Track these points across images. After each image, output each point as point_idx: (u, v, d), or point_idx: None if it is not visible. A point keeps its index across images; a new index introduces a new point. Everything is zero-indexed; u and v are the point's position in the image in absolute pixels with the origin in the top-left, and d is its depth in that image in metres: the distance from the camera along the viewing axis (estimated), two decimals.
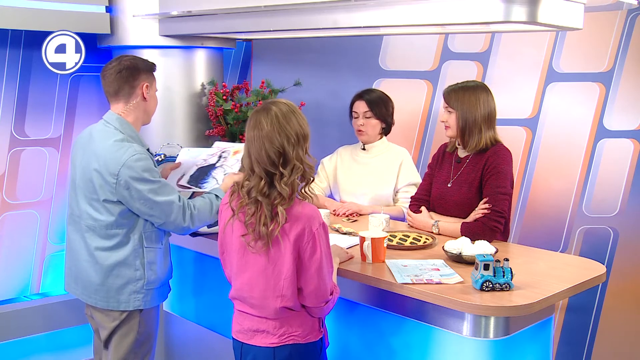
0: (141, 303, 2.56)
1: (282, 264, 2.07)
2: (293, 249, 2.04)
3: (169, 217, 2.51)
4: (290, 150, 2.02)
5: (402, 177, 3.35)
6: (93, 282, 2.56)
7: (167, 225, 2.54)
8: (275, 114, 2.04)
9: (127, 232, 2.52)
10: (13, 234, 3.77)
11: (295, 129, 2.04)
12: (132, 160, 2.44)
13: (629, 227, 3.62)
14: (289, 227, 2.05)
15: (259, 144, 2.03)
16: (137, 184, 2.44)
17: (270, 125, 2.02)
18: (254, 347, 2.17)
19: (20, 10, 3.36)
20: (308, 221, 2.05)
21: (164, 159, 3.56)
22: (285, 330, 2.13)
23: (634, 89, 3.59)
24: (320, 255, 2.06)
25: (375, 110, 3.36)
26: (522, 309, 2.08)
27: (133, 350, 2.59)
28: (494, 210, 2.72)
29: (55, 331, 3.67)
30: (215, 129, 3.83)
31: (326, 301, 2.14)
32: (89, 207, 2.53)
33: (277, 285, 2.09)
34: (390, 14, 2.70)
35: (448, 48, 3.95)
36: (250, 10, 3.12)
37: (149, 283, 2.56)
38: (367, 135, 3.39)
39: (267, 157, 2.02)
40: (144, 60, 2.64)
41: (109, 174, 2.45)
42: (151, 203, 2.47)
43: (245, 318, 2.20)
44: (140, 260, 2.54)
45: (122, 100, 2.58)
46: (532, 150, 3.78)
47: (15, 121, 3.69)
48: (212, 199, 2.62)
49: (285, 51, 4.26)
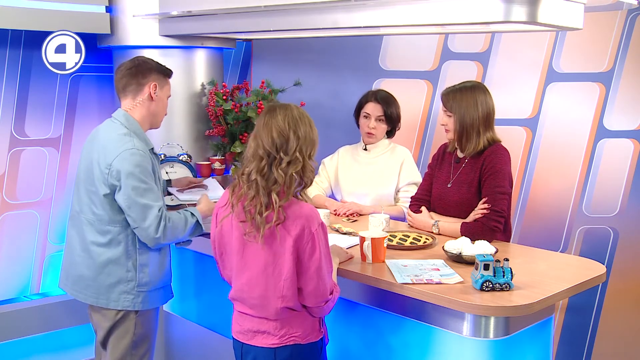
0: (131, 304, 2.55)
1: (283, 264, 2.07)
2: (293, 248, 2.05)
3: (143, 222, 2.47)
4: (294, 142, 2.08)
5: (404, 176, 3.35)
6: (85, 277, 2.57)
7: (140, 231, 2.50)
8: (291, 110, 2.12)
9: (120, 230, 2.52)
10: (13, 234, 3.77)
11: (305, 129, 2.11)
12: (127, 153, 2.45)
13: (629, 227, 3.62)
14: (290, 225, 2.06)
15: (268, 129, 2.09)
16: (125, 178, 2.44)
17: (283, 116, 2.10)
18: (254, 348, 2.17)
19: (20, 10, 3.36)
20: (307, 221, 2.06)
21: (164, 159, 3.57)
22: (286, 331, 2.14)
23: (634, 89, 3.59)
24: (320, 255, 2.07)
25: (389, 116, 3.34)
26: (522, 309, 2.08)
27: (130, 352, 2.60)
28: (493, 210, 2.72)
29: (55, 331, 3.67)
30: (215, 129, 3.83)
31: (326, 300, 2.14)
32: (89, 202, 2.54)
33: (277, 285, 2.09)
34: (390, 14, 2.70)
35: (448, 48, 3.95)
36: (250, 10, 3.12)
37: (140, 285, 2.56)
38: (375, 138, 3.38)
39: (272, 140, 2.07)
40: (159, 64, 2.67)
41: (105, 164, 2.46)
42: (131, 202, 2.46)
43: (245, 319, 2.20)
44: (132, 262, 2.54)
45: (129, 97, 2.61)
46: (532, 150, 3.78)
47: (15, 121, 3.69)
48: (187, 216, 2.61)
49: (285, 51, 4.26)
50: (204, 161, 3.88)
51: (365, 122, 3.37)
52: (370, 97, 3.38)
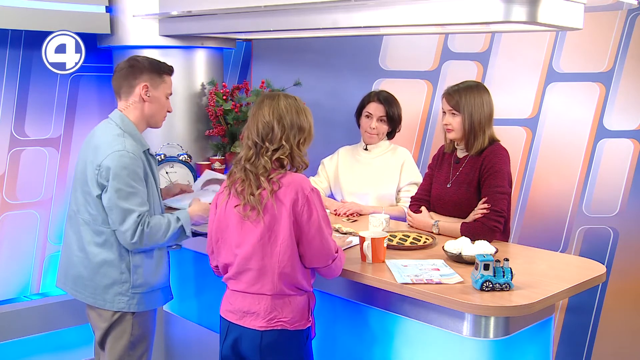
0: (126, 306, 2.54)
1: (279, 230, 2.15)
2: (290, 214, 2.14)
3: (121, 226, 2.45)
4: (279, 130, 2.18)
5: (405, 176, 3.36)
6: (82, 277, 2.57)
7: (118, 234, 2.48)
8: (277, 101, 2.23)
9: (112, 231, 2.51)
10: (13, 234, 3.77)
11: (292, 117, 2.21)
12: (116, 155, 2.44)
13: (629, 227, 3.62)
14: (283, 194, 2.15)
15: (255, 119, 2.22)
16: (112, 178, 2.43)
17: (269, 107, 2.21)
18: (241, 328, 2.22)
19: (20, 10, 3.36)
20: (300, 186, 2.17)
21: (164, 159, 3.57)
22: (275, 315, 2.18)
23: (634, 89, 3.59)
24: (318, 216, 2.17)
25: (390, 116, 3.34)
26: (522, 309, 2.08)
27: (127, 352, 2.60)
28: (493, 210, 2.72)
29: (55, 331, 3.67)
30: (215, 129, 3.83)
31: (333, 259, 2.23)
32: (85, 201, 2.55)
33: (274, 251, 2.15)
34: (390, 14, 2.70)
35: (448, 48, 3.95)
36: (250, 10, 3.12)
37: (134, 287, 2.55)
38: (376, 137, 3.38)
39: (257, 130, 2.20)
40: (154, 62, 2.63)
41: (95, 165, 2.47)
42: (112, 204, 2.45)
43: (237, 297, 2.23)
44: (126, 264, 2.53)
45: (122, 98, 2.62)
46: (532, 150, 3.78)
47: (15, 121, 3.69)
48: (171, 220, 2.56)
49: (285, 51, 4.26)
50: (204, 161, 3.88)
51: (367, 121, 3.37)
52: (372, 97, 3.37)
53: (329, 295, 2.57)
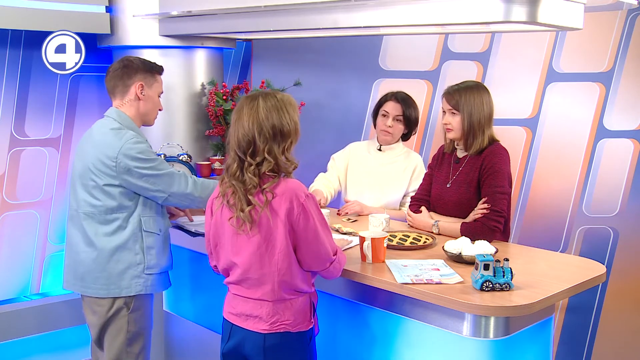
0: (142, 288, 2.60)
1: (275, 239, 2.11)
2: (285, 223, 2.10)
3: (172, 187, 2.58)
4: (261, 143, 2.08)
5: (414, 182, 3.29)
6: (92, 270, 2.58)
7: (172, 197, 2.60)
8: (257, 107, 2.09)
9: (126, 216, 2.57)
10: (13, 234, 3.77)
11: (274, 123, 2.08)
12: (129, 144, 2.52)
13: (629, 227, 3.62)
14: (277, 204, 2.10)
15: (234, 128, 2.12)
16: (136, 166, 2.51)
17: (248, 115, 2.09)
18: (244, 330, 2.21)
19: (20, 10, 3.37)
20: (294, 194, 2.10)
21: (164, 159, 3.57)
22: (277, 318, 2.17)
23: (634, 89, 3.59)
24: (314, 222, 2.12)
25: (407, 117, 3.30)
26: (522, 309, 2.08)
27: (125, 349, 2.63)
28: (493, 210, 2.72)
29: (55, 331, 3.67)
30: (215, 129, 3.83)
31: (331, 262, 2.20)
32: (87, 195, 2.57)
33: (272, 260, 2.13)
34: (390, 14, 2.70)
35: (448, 48, 3.95)
36: (250, 10, 3.12)
37: (148, 268, 2.60)
38: (391, 137, 3.34)
39: (238, 143, 2.11)
40: (147, 62, 2.69)
41: (108, 159, 2.51)
42: (153, 178, 2.54)
43: (239, 302, 2.23)
44: (139, 245, 2.59)
45: (117, 97, 2.68)
46: (532, 150, 3.79)
47: (15, 121, 3.69)
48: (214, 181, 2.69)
49: (285, 51, 4.26)
50: (204, 161, 3.88)
51: (383, 120, 3.32)
52: (390, 96, 3.34)
53: (329, 296, 2.57)
